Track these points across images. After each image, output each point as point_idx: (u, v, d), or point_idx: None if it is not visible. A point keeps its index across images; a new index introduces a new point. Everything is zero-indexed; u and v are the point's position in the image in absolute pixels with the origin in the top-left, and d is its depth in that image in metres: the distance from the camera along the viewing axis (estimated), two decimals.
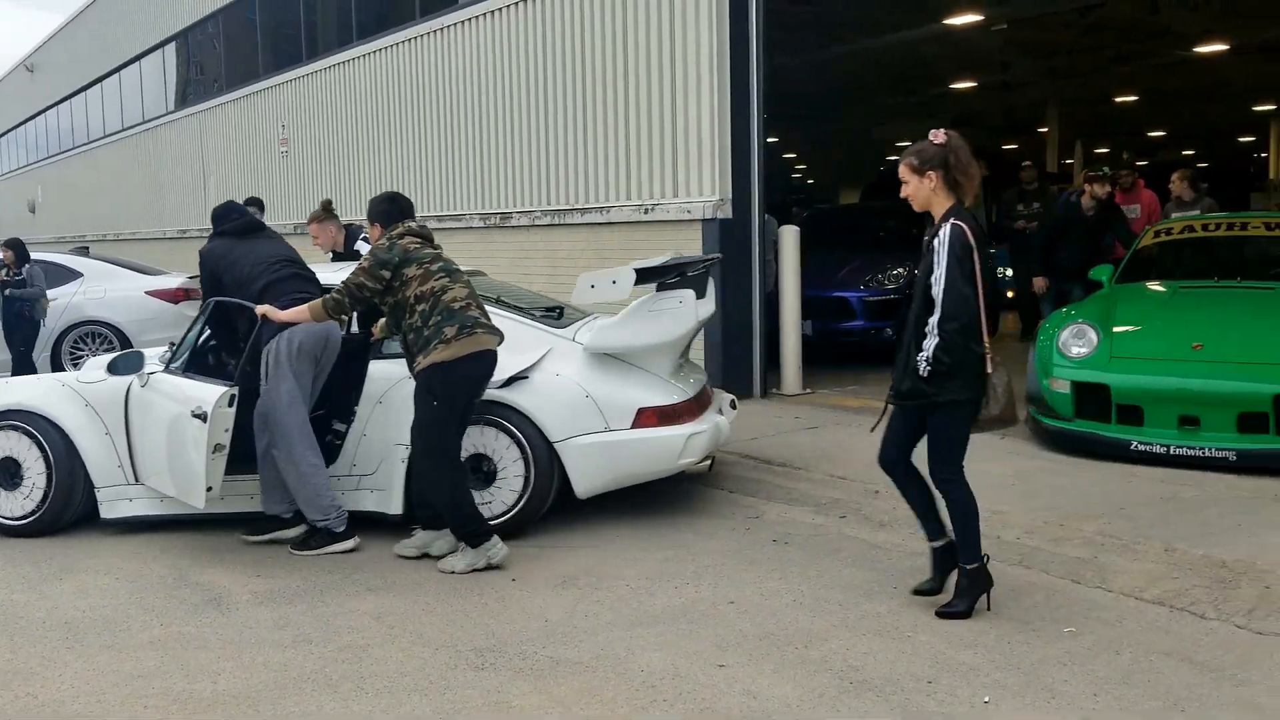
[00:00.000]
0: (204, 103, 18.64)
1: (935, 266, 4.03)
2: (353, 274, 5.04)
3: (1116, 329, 6.57)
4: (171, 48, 20.29)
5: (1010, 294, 11.95)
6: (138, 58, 21.81)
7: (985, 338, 4.08)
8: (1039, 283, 8.88)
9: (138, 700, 3.73)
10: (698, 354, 8.54)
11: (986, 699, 3.54)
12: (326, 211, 7.97)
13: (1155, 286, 7.45)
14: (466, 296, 4.99)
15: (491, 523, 5.14)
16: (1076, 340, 6.56)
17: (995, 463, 6.38)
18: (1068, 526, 5.14)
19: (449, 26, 11.64)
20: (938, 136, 4.12)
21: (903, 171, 4.15)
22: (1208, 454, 5.94)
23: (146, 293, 11.55)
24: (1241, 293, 6.99)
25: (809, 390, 8.81)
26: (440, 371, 4.84)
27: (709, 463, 6.01)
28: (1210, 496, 5.52)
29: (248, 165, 16.82)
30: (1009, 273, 11.98)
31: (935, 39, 19.85)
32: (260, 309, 5.20)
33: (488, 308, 5.25)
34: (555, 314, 6.04)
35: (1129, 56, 22.68)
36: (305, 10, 15.22)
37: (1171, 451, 6.02)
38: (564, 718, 3.53)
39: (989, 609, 4.22)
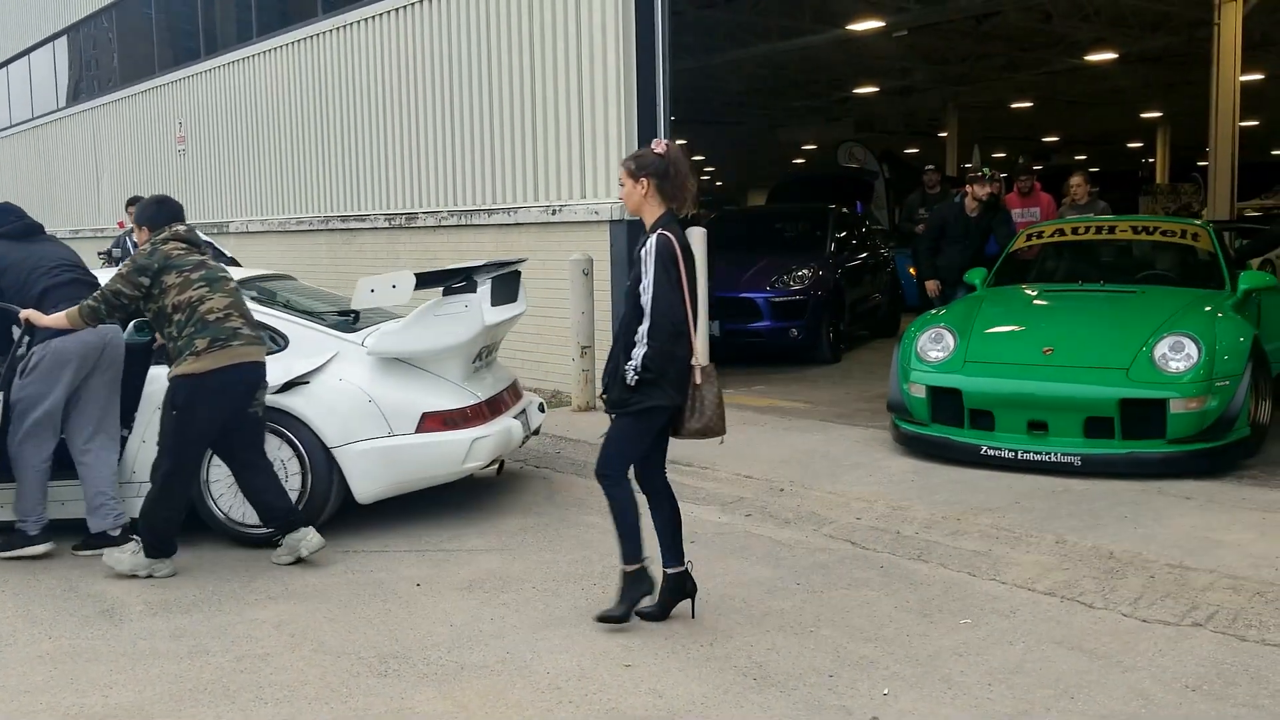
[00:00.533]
0: (97, 99, 18.04)
1: (643, 276, 4.06)
2: (111, 280, 4.97)
3: (974, 333, 6.54)
4: (63, 41, 19.60)
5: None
6: (27, 52, 21.01)
7: (694, 347, 4.12)
8: (930, 286, 8.77)
9: (24, 716, 3.59)
10: (606, 353, 8.55)
11: (885, 691, 3.62)
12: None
13: (1020, 290, 7.43)
14: (226, 307, 4.93)
15: (265, 530, 5.18)
16: (934, 345, 6.54)
17: (896, 459, 6.53)
18: (964, 520, 5.28)
19: (352, 24, 11.46)
20: (658, 146, 4.15)
21: (621, 174, 4.19)
22: (1053, 459, 5.95)
23: None
24: (1102, 296, 6.98)
25: None
26: (186, 384, 4.79)
27: (497, 466, 6.00)
28: (1100, 490, 5.71)
29: (143, 163, 16.33)
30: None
31: (837, 45, 20.21)
32: (24, 313, 5.09)
33: (274, 310, 5.30)
34: (351, 318, 5.96)
35: (1024, 64, 23.39)
36: (203, 5, 14.84)
37: (1019, 456, 6.02)
38: None
39: (693, 615, 4.22)
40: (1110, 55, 21.25)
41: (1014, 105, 29.31)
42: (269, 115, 13.11)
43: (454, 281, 5.58)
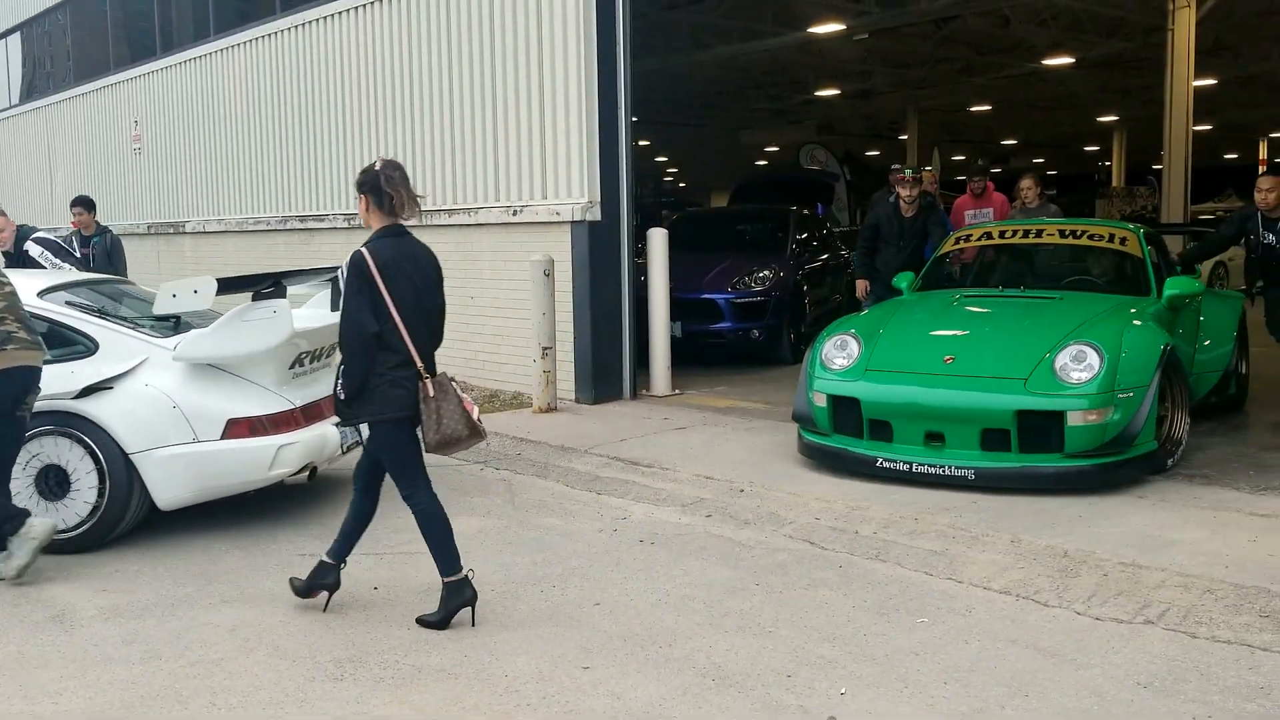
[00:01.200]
0: (51, 96, 17.76)
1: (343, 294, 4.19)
2: None
3: (880, 340, 6.32)
4: (16, 38, 19.28)
5: None
6: None
7: (418, 362, 4.20)
8: (860, 286, 8.61)
9: None
10: (567, 354, 8.55)
11: (843, 690, 3.64)
12: None
13: (938, 296, 7.22)
14: (2, 310, 4.89)
15: (63, 535, 5.15)
16: (838, 351, 6.34)
17: None
18: (922, 520, 5.32)
19: (311, 22, 11.37)
20: (377, 164, 4.30)
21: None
22: (948, 472, 5.74)
23: None
24: (1019, 303, 6.72)
25: (678, 391, 8.90)
26: None
27: (308, 473, 5.89)
28: (1055, 492, 5.78)
29: (98, 161, 16.11)
30: None
31: (799, 47, 20.32)
32: None
33: (86, 315, 5.35)
34: (171, 323, 5.85)
35: (983, 68, 23.63)
36: (159, 2, 14.65)
37: (914, 469, 5.83)
38: None
39: (473, 624, 4.26)
40: (1067, 60, 21.52)
41: (973, 109, 29.62)
42: (227, 114, 12.97)
43: (263, 287, 5.55)
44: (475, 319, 9.49)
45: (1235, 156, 38.53)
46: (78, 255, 9.34)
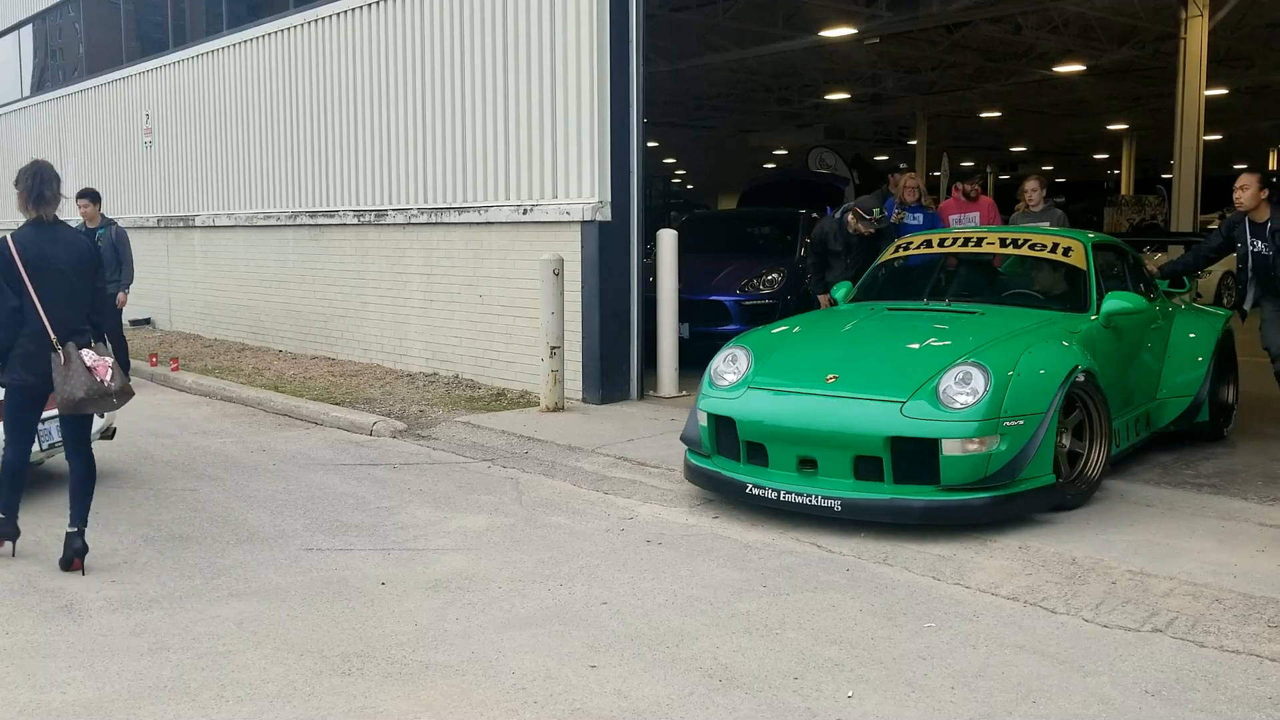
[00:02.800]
0: (63, 89, 17.81)
1: None
2: None
3: (771, 356, 5.82)
4: (29, 30, 19.33)
5: None
6: None
7: (51, 334, 4.82)
8: (823, 300, 8.19)
9: None
10: (575, 354, 8.56)
11: (850, 694, 3.63)
12: None
13: (855, 308, 6.74)
14: None
15: None
16: (728, 367, 5.82)
17: None
18: (929, 524, 5.31)
19: (324, 18, 11.39)
20: (28, 164, 5.15)
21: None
22: (814, 502, 5.22)
23: None
24: (932, 317, 6.19)
25: (685, 393, 8.90)
26: None
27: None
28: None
29: (109, 154, 16.14)
30: None
31: (809, 51, 20.33)
32: None
33: None
34: None
35: (993, 74, 23.62)
36: None
37: (781, 497, 5.31)
38: None
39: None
40: (1078, 67, 21.51)
41: (983, 115, 29.62)
42: (238, 109, 13.00)
43: None
44: (484, 317, 9.51)
45: (1245, 166, 38.44)
46: None
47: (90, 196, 9.73)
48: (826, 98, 26.58)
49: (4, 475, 5.08)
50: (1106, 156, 38.54)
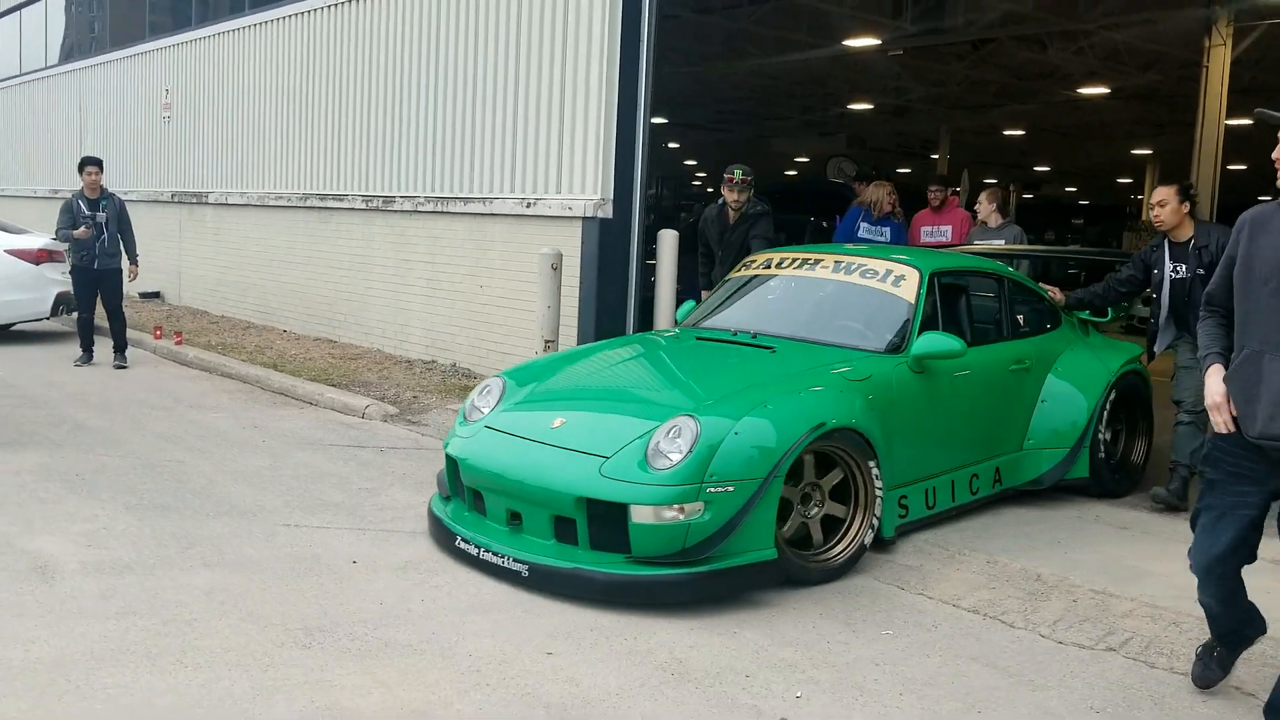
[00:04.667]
0: (85, 60, 17.96)
1: None
2: None
3: (526, 391, 5.29)
4: (58, 0, 19.52)
5: None
6: (17, 8, 20.90)
7: None
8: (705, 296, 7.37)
9: None
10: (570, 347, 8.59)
11: (799, 694, 3.67)
12: None
13: (657, 336, 6.27)
14: None
15: None
16: (482, 400, 5.32)
17: None
18: (902, 536, 5.33)
19: (343, 3, 11.47)
20: None
21: None
22: (505, 564, 4.62)
23: (7, 251, 11.10)
24: (717, 353, 5.53)
25: None
26: None
27: None
28: (1035, 516, 5.80)
29: (128, 127, 16.27)
30: None
31: (833, 60, 20.32)
32: None
33: None
34: None
35: (1018, 92, 23.55)
36: None
37: (480, 555, 4.72)
38: (384, 699, 3.53)
39: None
40: (1102, 90, 21.43)
41: (1006, 132, 29.52)
42: (255, 88, 13.09)
43: None
44: (484, 308, 9.57)
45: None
46: (90, 216, 9.47)
47: (99, 165, 9.79)
48: (849, 107, 26.54)
49: None
50: (1130, 181, 38.38)
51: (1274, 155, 3.45)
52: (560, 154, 8.81)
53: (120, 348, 9.92)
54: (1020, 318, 6.36)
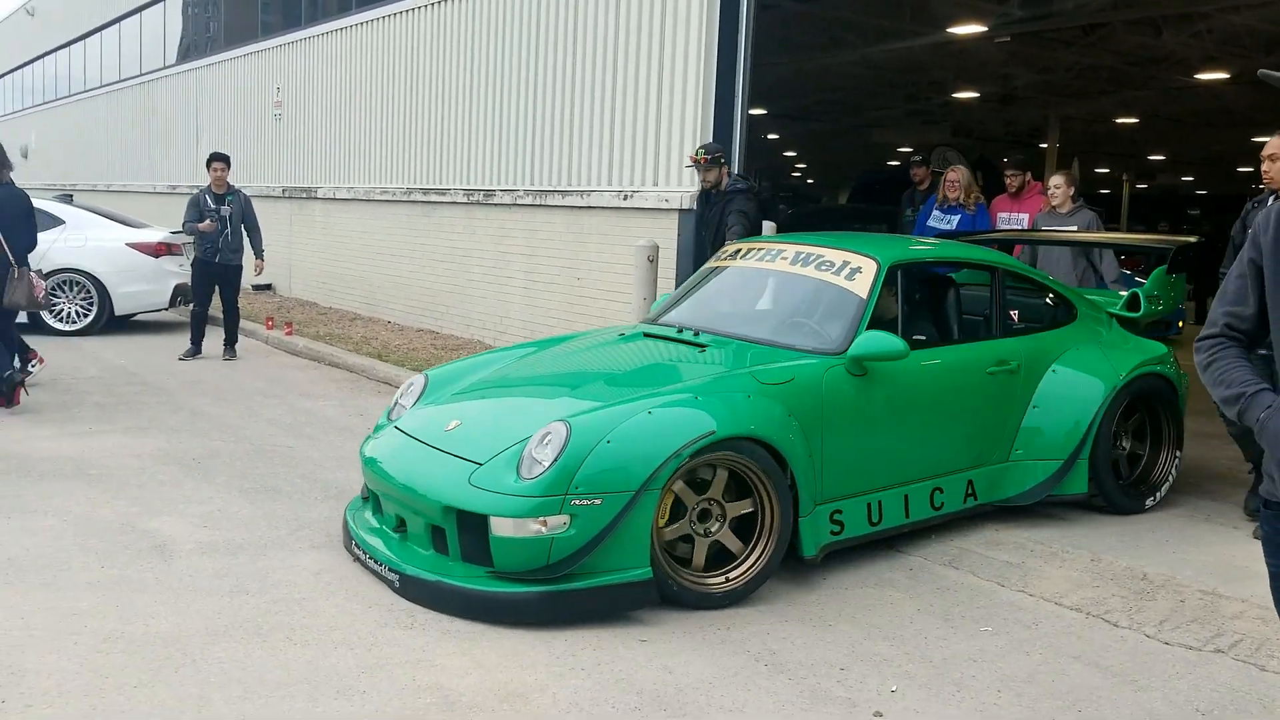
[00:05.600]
0: (201, 60, 18.63)
1: None
2: None
3: (445, 389, 5.08)
4: (175, 2, 20.26)
5: None
6: (138, 9, 21.77)
7: (10, 257, 7.50)
8: None
9: (68, 636, 3.81)
10: None
11: (893, 688, 3.65)
12: None
13: (591, 335, 5.89)
14: None
15: None
16: (406, 398, 5.13)
17: None
18: (1002, 531, 5.25)
19: (442, 1, 11.68)
20: None
21: None
22: (383, 572, 4.42)
23: (127, 244, 11.59)
24: (669, 350, 5.16)
25: None
26: None
27: None
28: (1143, 514, 5.64)
29: (241, 124, 16.83)
30: None
31: (937, 48, 19.94)
32: None
33: None
34: None
35: (1130, 79, 22.81)
36: None
37: (366, 561, 4.55)
38: (483, 680, 3.62)
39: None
40: (1221, 75, 20.63)
41: (1119, 120, 28.62)
42: (362, 85, 13.42)
43: None
44: (580, 299, 9.66)
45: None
46: (214, 210, 9.79)
47: (226, 161, 10.02)
48: (954, 96, 26.02)
49: None
50: (1250, 170, 36.87)
51: (1263, 154, 2.30)
52: (657, 146, 8.85)
53: (231, 341, 10.17)
54: (1014, 313, 5.90)
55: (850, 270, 5.16)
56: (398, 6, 12.58)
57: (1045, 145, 28.84)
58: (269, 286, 15.61)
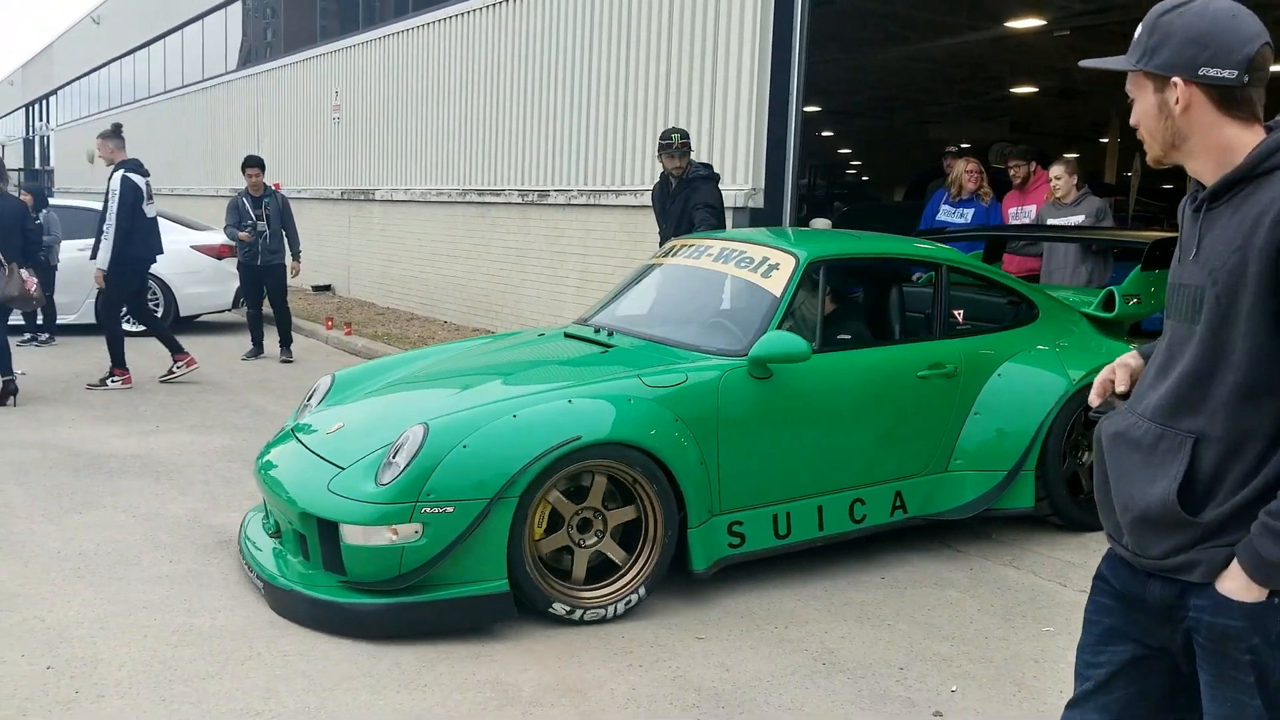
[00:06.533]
0: (261, 65, 18.94)
1: None
2: None
3: (347, 391, 4.97)
4: (236, 8, 20.63)
5: None
6: (200, 17, 22.19)
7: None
8: None
9: (138, 629, 3.90)
10: None
11: (954, 688, 3.62)
12: None
13: (529, 332, 5.70)
14: None
15: None
16: (314, 399, 5.04)
17: None
18: (1065, 531, 5.17)
19: (498, 3, 11.76)
20: None
21: None
22: (253, 578, 4.30)
23: (192, 247, 11.82)
24: (579, 350, 4.96)
25: None
26: None
27: None
28: None
29: (299, 129, 17.09)
30: None
31: (994, 42, 19.70)
32: None
33: None
34: None
35: None
36: None
37: (246, 567, 4.43)
38: (541, 675, 3.65)
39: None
40: None
41: None
42: (418, 88, 13.57)
43: None
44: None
45: None
46: (253, 215, 9.93)
47: (260, 165, 10.12)
48: (1012, 90, 25.69)
49: None
50: None
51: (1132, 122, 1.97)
52: (711, 145, 8.84)
53: (285, 342, 10.25)
54: (959, 313, 5.55)
55: (768, 267, 4.84)
56: (453, 9, 12.70)
57: (1106, 140, 28.38)
58: (328, 287, 15.84)
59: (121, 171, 8.48)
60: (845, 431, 4.69)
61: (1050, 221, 7.26)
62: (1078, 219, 7.16)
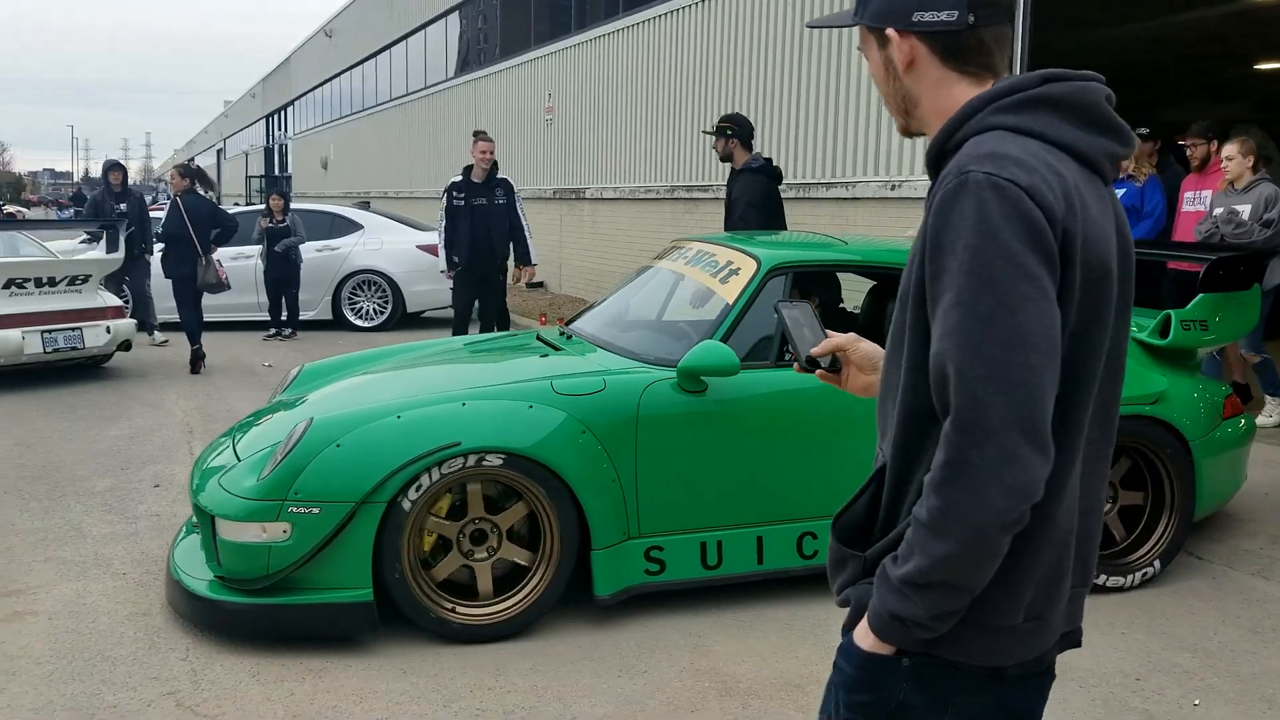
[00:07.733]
0: (479, 70, 19.71)
1: None
2: None
3: (315, 383, 4.87)
4: (455, 16, 21.54)
5: None
6: (423, 26, 23.28)
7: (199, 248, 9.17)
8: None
9: None
10: None
11: (1196, 702, 3.41)
12: None
13: (511, 334, 5.54)
14: None
15: None
16: (281, 387, 5.11)
17: (1254, 470, 5.97)
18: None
19: (706, 0, 11.84)
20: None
21: None
22: (178, 575, 4.13)
23: (418, 247, 12.46)
24: (501, 354, 4.94)
25: None
26: None
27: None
28: None
29: (514, 131, 17.69)
30: None
31: (1237, 17, 18.35)
32: None
33: None
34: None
35: None
36: None
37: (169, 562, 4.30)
38: (758, 667, 3.66)
39: None
40: None
41: None
42: (627, 87, 13.81)
43: None
44: (849, 295, 9.54)
45: None
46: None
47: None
48: (1255, 68, 23.85)
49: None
50: None
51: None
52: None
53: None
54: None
55: (729, 272, 4.47)
56: (662, 8, 12.86)
57: None
58: (541, 284, 16.35)
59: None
60: (794, 455, 4.16)
61: (1216, 212, 6.48)
62: (1245, 208, 6.34)
